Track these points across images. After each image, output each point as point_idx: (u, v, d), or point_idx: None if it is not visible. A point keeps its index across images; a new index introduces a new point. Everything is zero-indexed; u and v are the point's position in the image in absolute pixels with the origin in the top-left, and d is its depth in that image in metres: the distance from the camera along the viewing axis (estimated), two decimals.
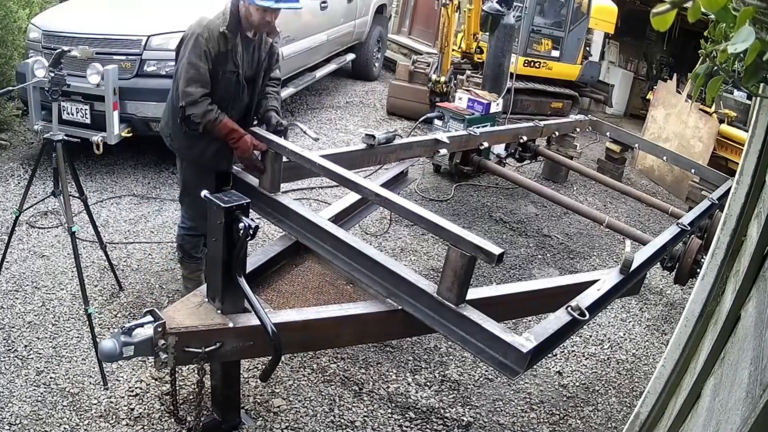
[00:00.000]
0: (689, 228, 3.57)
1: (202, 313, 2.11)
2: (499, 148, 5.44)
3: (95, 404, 2.56)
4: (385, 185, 3.32)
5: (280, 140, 2.74)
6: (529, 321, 3.39)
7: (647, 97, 9.50)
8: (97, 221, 3.30)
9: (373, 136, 3.38)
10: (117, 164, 4.90)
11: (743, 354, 1.27)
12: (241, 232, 1.98)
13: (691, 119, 6.55)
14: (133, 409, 2.55)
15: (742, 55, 1.00)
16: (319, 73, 6.69)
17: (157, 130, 4.39)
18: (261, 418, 2.59)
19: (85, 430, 2.43)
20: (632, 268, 2.67)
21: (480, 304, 2.14)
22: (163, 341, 1.95)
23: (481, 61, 6.46)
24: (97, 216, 3.95)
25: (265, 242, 3.78)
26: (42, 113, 4.27)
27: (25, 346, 2.83)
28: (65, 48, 2.82)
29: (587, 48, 8.48)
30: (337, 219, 2.94)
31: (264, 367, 2.15)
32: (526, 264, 4.37)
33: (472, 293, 2.20)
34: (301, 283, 2.61)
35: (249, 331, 2.10)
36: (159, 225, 4.09)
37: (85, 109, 4.32)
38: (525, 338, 1.99)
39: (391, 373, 3.00)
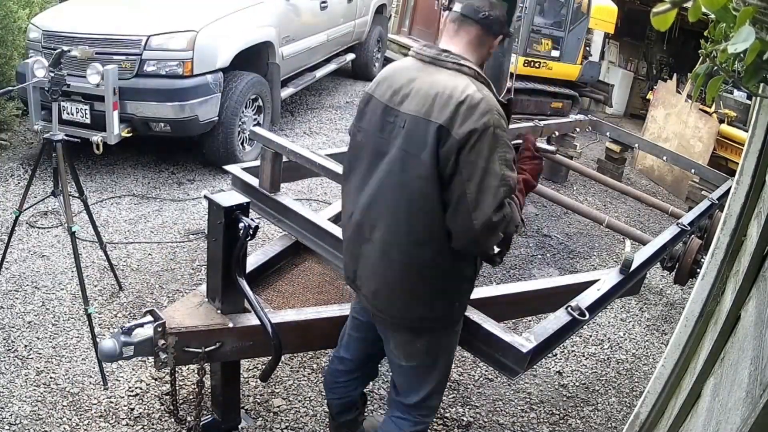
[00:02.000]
0: (689, 228, 3.57)
1: (202, 313, 2.11)
2: None
3: (95, 404, 2.56)
4: None
5: (282, 140, 2.74)
6: (529, 321, 3.39)
7: (647, 97, 9.51)
8: (96, 221, 3.30)
9: None
10: (117, 164, 4.90)
11: (743, 354, 1.26)
12: (241, 232, 1.98)
13: (691, 119, 6.55)
14: (133, 409, 2.55)
15: (742, 55, 1.00)
16: (319, 73, 6.69)
17: (158, 130, 4.46)
18: (261, 418, 2.59)
19: (85, 430, 2.43)
20: (632, 268, 2.67)
21: (480, 304, 2.15)
22: (162, 341, 1.95)
23: None
24: (97, 216, 3.95)
25: (265, 242, 3.78)
26: (42, 113, 4.27)
27: (25, 346, 2.83)
28: (65, 48, 2.81)
29: (587, 48, 8.48)
30: (337, 219, 2.94)
31: (264, 367, 2.15)
32: (526, 264, 4.37)
33: (472, 293, 2.19)
34: (301, 283, 2.61)
35: (249, 331, 2.10)
36: (159, 225, 4.08)
37: (85, 109, 4.32)
38: (525, 338, 1.99)
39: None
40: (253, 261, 2.54)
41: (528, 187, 1.89)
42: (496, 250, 1.81)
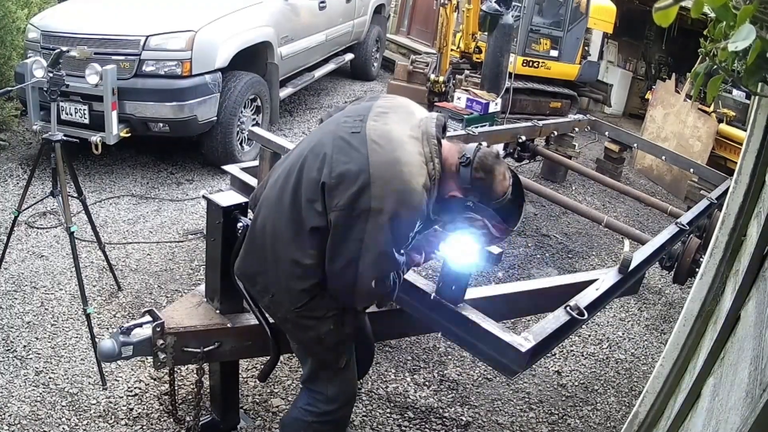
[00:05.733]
0: (688, 227, 3.56)
1: (201, 313, 2.11)
2: (498, 148, 5.44)
3: (94, 404, 2.56)
4: None
5: (281, 140, 2.74)
6: (528, 320, 3.39)
7: (646, 97, 9.50)
8: (95, 221, 3.29)
9: None
10: (115, 164, 4.89)
11: (743, 354, 1.26)
12: (240, 231, 1.98)
13: (689, 119, 6.55)
14: (132, 409, 2.55)
15: (741, 53, 1.00)
16: (318, 73, 6.68)
17: (156, 130, 4.46)
18: (260, 418, 2.59)
19: (84, 430, 2.43)
20: (631, 267, 2.66)
21: (479, 304, 2.14)
22: (161, 341, 1.95)
23: (479, 60, 6.46)
24: (96, 216, 3.94)
25: None
26: (41, 113, 4.27)
27: (24, 346, 2.83)
28: (64, 48, 2.81)
29: (586, 48, 8.48)
30: None
31: (262, 367, 2.15)
32: (525, 264, 4.37)
33: (472, 293, 2.19)
34: None
35: (247, 331, 2.10)
36: (158, 225, 4.08)
37: (84, 110, 4.31)
38: (523, 338, 1.99)
39: (389, 373, 3.00)
40: None
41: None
42: None
